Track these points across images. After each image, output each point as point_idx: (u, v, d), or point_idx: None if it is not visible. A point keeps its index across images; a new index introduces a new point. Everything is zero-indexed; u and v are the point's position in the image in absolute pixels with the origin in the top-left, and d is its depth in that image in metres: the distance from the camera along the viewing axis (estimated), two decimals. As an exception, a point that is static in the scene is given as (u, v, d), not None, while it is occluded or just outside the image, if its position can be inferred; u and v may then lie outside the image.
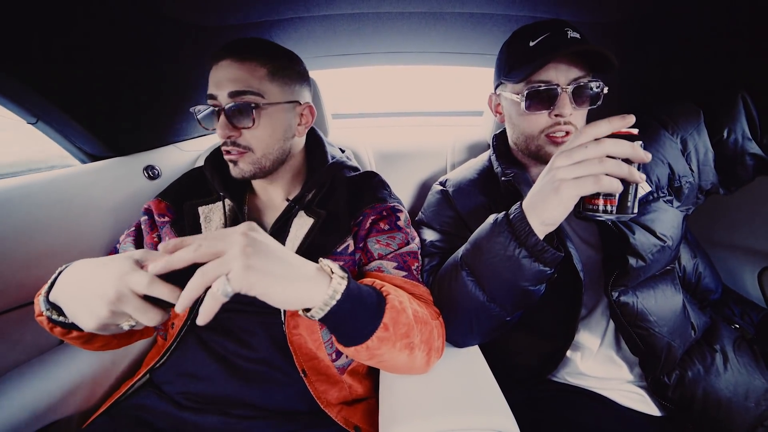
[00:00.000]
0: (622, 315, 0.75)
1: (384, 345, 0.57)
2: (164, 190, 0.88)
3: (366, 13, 1.03)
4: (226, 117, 0.71)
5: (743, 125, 0.80)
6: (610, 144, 0.53)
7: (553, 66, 0.73)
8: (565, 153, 0.57)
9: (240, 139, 0.73)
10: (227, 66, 0.71)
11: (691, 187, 0.80)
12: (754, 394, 0.74)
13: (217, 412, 0.69)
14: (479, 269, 0.67)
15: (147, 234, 0.82)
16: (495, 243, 0.64)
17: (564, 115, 0.74)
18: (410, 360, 0.63)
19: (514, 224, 0.63)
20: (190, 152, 1.35)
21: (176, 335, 0.76)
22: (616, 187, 0.53)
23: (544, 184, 0.60)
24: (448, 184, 0.95)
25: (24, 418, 0.74)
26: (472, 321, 0.71)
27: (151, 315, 0.48)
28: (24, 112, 0.91)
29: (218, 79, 0.72)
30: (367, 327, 0.56)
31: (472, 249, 0.69)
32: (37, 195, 0.89)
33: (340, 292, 0.52)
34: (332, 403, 0.73)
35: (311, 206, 0.80)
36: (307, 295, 0.50)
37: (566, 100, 0.73)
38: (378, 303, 0.58)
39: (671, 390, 0.77)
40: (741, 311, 0.93)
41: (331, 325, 0.55)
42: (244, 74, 0.71)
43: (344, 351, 0.60)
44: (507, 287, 0.66)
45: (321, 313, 0.51)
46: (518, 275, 0.63)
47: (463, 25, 1.10)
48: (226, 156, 0.76)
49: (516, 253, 0.62)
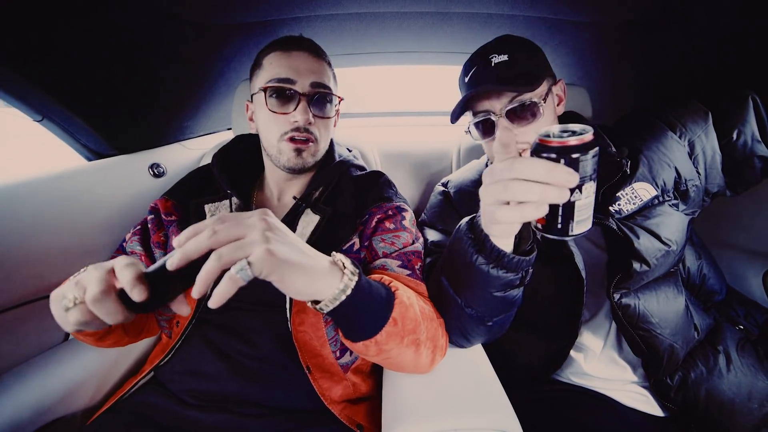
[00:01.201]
0: (623, 317, 0.75)
1: (392, 340, 0.58)
2: (171, 189, 0.88)
3: (372, 13, 1.03)
4: (308, 103, 0.76)
5: (753, 127, 0.79)
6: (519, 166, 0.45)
7: (485, 97, 0.76)
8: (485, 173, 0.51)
9: (312, 127, 0.78)
10: (305, 58, 0.78)
11: (698, 191, 0.80)
12: (758, 395, 0.74)
13: (221, 410, 0.69)
14: (452, 275, 0.66)
15: (153, 233, 0.82)
16: (458, 248, 0.61)
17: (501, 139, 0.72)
18: (416, 357, 0.63)
19: (476, 228, 0.59)
20: (195, 150, 1.35)
21: (181, 333, 0.76)
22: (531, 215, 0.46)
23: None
24: (449, 185, 0.96)
25: (28, 414, 0.74)
26: (460, 324, 0.70)
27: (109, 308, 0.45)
28: (29, 110, 0.91)
29: (296, 67, 0.76)
30: (376, 322, 0.56)
31: (447, 255, 0.68)
32: (42, 192, 0.89)
33: (351, 287, 0.52)
34: (336, 400, 0.73)
35: (318, 204, 0.80)
36: (320, 287, 0.50)
37: (504, 124, 0.74)
38: (387, 298, 0.59)
39: (674, 391, 0.77)
40: (745, 312, 0.93)
41: (341, 319, 0.55)
42: (322, 69, 0.79)
43: (352, 347, 0.60)
44: (477, 294, 0.63)
45: (330, 306, 0.51)
46: (482, 282, 0.60)
47: (470, 25, 1.10)
48: (294, 144, 0.77)
49: (473, 260, 0.58)
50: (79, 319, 0.46)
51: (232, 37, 1.09)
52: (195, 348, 0.76)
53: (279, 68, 0.76)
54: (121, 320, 0.46)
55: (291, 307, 0.71)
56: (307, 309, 0.73)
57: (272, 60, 0.78)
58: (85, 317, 0.46)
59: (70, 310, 0.47)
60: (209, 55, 1.14)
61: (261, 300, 0.76)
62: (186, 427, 0.68)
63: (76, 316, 0.46)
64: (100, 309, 0.45)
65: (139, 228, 0.85)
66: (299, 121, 0.75)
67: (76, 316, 0.46)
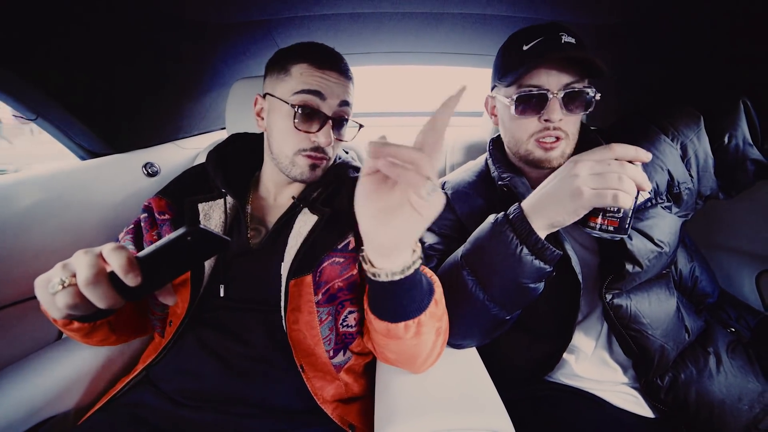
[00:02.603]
0: (615, 317, 0.75)
1: (431, 322, 0.61)
2: (164, 188, 0.87)
3: (367, 13, 1.03)
4: (332, 126, 0.77)
5: (744, 131, 0.79)
6: (630, 168, 0.57)
7: (544, 71, 0.72)
8: (587, 163, 0.59)
9: (329, 147, 0.78)
10: (337, 77, 0.76)
11: (690, 194, 0.80)
12: (748, 396, 0.74)
13: (213, 409, 0.69)
14: (480, 268, 0.69)
15: (146, 232, 0.82)
16: (497, 242, 0.66)
17: (553, 120, 0.73)
18: (433, 348, 0.66)
19: (515, 223, 0.65)
20: (190, 150, 1.35)
21: (174, 332, 0.76)
22: (630, 205, 0.58)
23: (559, 187, 0.62)
24: (446, 186, 0.95)
25: (21, 413, 0.74)
26: (472, 321, 0.72)
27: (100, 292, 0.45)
28: (24, 109, 0.91)
29: (327, 87, 0.75)
30: (423, 299, 0.59)
31: (473, 248, 0.70)
32: (36, 191, 0.89)
33: (416, 267, 0.55)
34: (328, 400, 0.73)
35: (316, 204, 0.80)
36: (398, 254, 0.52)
37: (556, 106, 0.72)
38: (428, 280, 0.62)
39: (664, 392, 0.77)
40: (737, 315, 0.93)
41: (399, 293, 0.56)
42: (348, 90, 0.79)
43: (388, 331, 0.61)
44: (508, 285, 0.67)
45: (395, 277, 0.53)
46: (519, 272, 0.65)
47: (464, 25, 1.10)
48: (310, 160, 0.77)
49: (518, 250, 0.64)
50: (67, 302, 0.46)
51: (228, 36, 1.09)
52: (188, 347, 0.75)
53: (310, 84, 0.74)
54: (113, 305, 0.46)
55: (286, 305, 0.71)
56: (301, 308, 0.73)
57: (303, 71, 0.75)
58: (74, 300, 0.46)
59: (57, 293, 0.46)
60: (204, 53, 1.14)
61: (255, 299, 0.76)
62: (178, 426, 0.68)
63: (65, 299, 0.46)
64: (93, 292, 0.45)
65: (132, 227, 0.84)
66: (321, 143, 0.75)
67: (64, 299, 0.46)
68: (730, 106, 0.80)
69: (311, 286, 0.73)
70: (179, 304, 0.76)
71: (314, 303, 0.73)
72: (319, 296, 0.74)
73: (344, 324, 0.77)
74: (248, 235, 0.81)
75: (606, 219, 0.61)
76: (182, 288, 0.75)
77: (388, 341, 0.64)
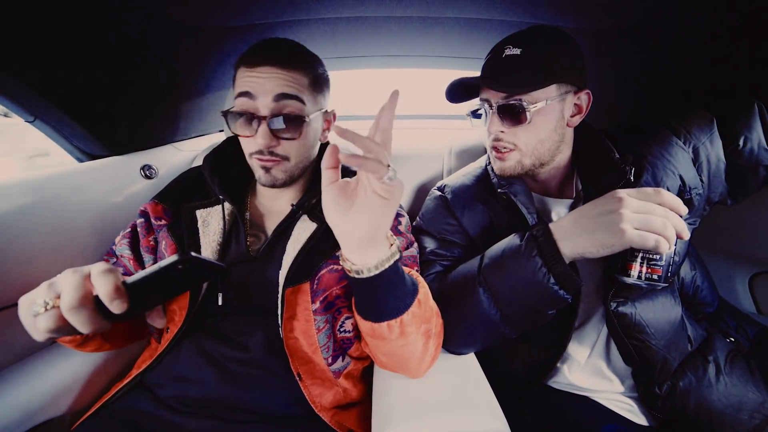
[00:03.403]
0: (619, 326, 0.74)
1: (414, 323, 0.60)
2: (161, 192, 0.87)
3: (365, 17, 1.03)
4: (269, 127, 0.70)
5: (759, 135, 0.78)
6: (674, 215, 0.57)
7: (486, 86, 0.77)
8: (632, 201, 0.58)
9: (278, 148, 0.73)
10: (270, 71, 0.69)
11: (701, 199, 0.79)
12: (748, 406, 0.73)
13: (210, 416, 0.69)
14: (500, 288, 0.68)
15: (143, 237, 0.81)
16: (523, 266, 0.64)
17: (491, 132, 0.77)
18: (424, 350, 0.65)
19: (543, 249, 0.63)
20: (188, 152, 1.35)
21: (171, 338, 0.75)
22: (667, 250, 0.56)
23: (599, 220, 0.59)
24: (446, 190, 0.94)
25: (15, 417, 0.74)
26: (478, 335, 0.72)
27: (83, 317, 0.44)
28: (22, 111, 0.91)
29: (257, 85, 0.69)
30: (406, 299, 0.59)
31: (494, 267, 0.69)
32: (33, 194, 0.88)
33: (395, 258, 0.55)
34: (326, 407, 0.72)
35: (315, 211, 0.79)
36: (375, 246, 0.53)
37: (494, 119, 0.75)
38: (412, 279, 0.61)
39: (662, 400, 0.76)
40: (736, 325, 0.92)
41: (378, 291, 0.57)
42: (292, 80, 0.71)
43: (373, 331, 0.61)
44: (525, 309, 0.67)
45: (376, 271, 0.54)
46: (541, 299, 0.65)
47: (461, 30, 1.10)
48: (260, 162, 0.74)
49: (545, 279, 0.63)
50: (49, 327, 0.44)
51: (226, 39, 1.09)
52: (184, 353, 0.75)
53: (242, 86, 0.71)
54: (95, 330, 0.45)
55: (282, 313, 0.71)
56: (298, 316, 0.73)
57: (239, 75, 0.73)
58: (56, 324, 0.44)
59: (39, 315, 0.44)
60: (202, 57, 1.14)
61: (253, 306, 0.76)
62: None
63: (47, 323, 0.44)
64: (75, 317, 0.43)
65: (129, 231, 0.84)
66: (259, 145, 0.71)
67: (46, 323, 0.44)
68: (744, 109, 0.79)
69: (308, 294, 0.73)
70: (177, 312, 0.75)
71: (311, 311, 0.73)
72: (316, 304, 0.73)
73: (342, 330, 0.76)
74: (247, 242, 0.80)
75: (650, 267, 0.60)
76: (180, 297, 0.75)
77: (376, 342, 0.64)
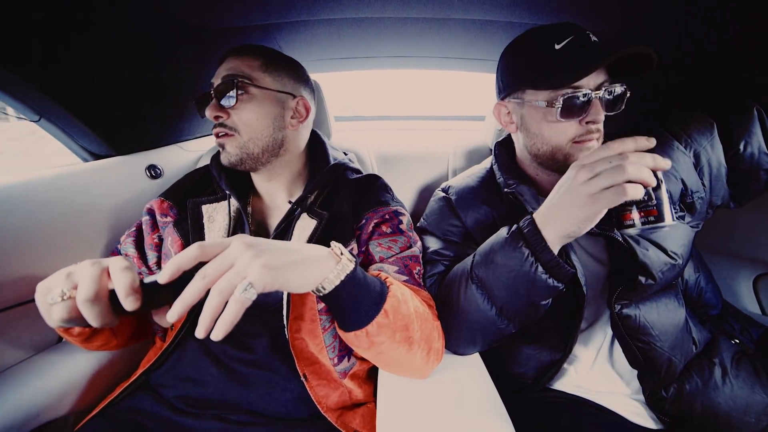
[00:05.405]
0: (623, 328, 0.74)
1: (383, 332, 0.58)
2: (167, 190, 0.87)
3: (370, 18, 1.03)
4: (215, 97, 0.75)
5: (760, 139, 0.78)
6: (634, 155, 0.54)
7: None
8: (586, 167, 0.56)
9: (227, 120, 0.75)
10: (227, 61, 0.77)
11: (703, 203, 0.78)
12: (755, 409, 0.72)
13: (214, 417, 0.69)
14: (492, 283, 0.67)
15: (148, 234, 0.82)
16: (510, 258, 0.64)
17: (598, 122, 0.70)
18: (409, 356, 0.63)
19: (528, 238, 0.63)
20: (193, 152, 1.35)
21: (175, 337, 0.75)
22: (640, 193, 0.53)
23: (567, 198, 0.59)
24: (450, 191, 0.93)
25: (20, 417, 0.74)
26: (477, 332, 0.71)
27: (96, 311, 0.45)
28: (27, 110, 0.91)
29: (217, 74, 0.77)
30: (368, 311, 0.57)
31: (484, 262, 0.69)
32: (39, 193, 0.89)
33: (347, 272, 0.54)
34: (332, 408, 0.72)
35: (313, 208, 0.79)
36: (319, 274, 0.52)
37: (599, 107, 0.69)
38: (380, 290, 0.60)
39: (669, 403, 0.75)
40: (741, 327, 0.91)
41: (335, 306, 0.56)
42: (239, 63, 0.76)
43: (345, 338, 0.61)
44: (519, 301, 0.66)
45: (326, 290, 0.53)
46: (532, 290, 0.64)
47: (467, 31, 1.10)
48: (216, 140, 0.78)
49: (533, 269, 0.62)
50: (62, 316, 0.46)
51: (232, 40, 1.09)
52: (189, 352, 0.75)
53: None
54: (107, 324, 0.45)
55: (288, 313, 0.71)
56: (304, 316, 0.73)
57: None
58: (70, 315, 0.46)
59: (55, 305, 0.46)
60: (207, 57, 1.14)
61: (258, 305, 0.75)
62: (177, 433, 0.67)
63: (61, 313, 0.46)
64: (90, 310, 0.44)
65: (135, 230, 0.84)
66: (209, 116, 0.76)
67: (60, 312, 0.46)
68: (744, 113, 0.79)
69: (314, 294, 0.73)
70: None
71: (317, 311, 0.73)
72: (321, 304, 0.73)
73: None
74: None
75: (641, 211, 0.57)
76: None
77: (355, 347, 0.64)
